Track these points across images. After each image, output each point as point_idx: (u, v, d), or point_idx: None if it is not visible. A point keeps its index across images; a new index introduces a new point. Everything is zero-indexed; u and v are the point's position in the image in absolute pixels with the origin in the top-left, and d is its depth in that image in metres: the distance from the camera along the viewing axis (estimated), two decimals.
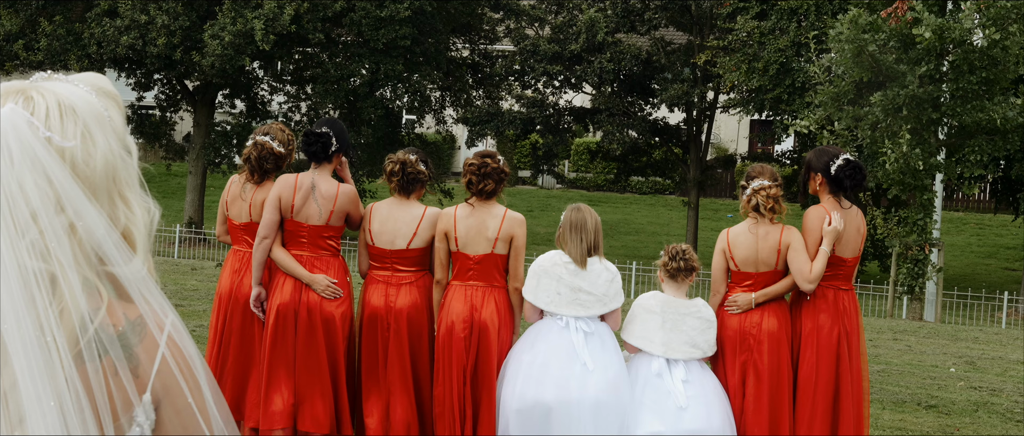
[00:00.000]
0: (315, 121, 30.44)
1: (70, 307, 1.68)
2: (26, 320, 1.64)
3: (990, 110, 19.47)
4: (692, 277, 7.01)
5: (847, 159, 7.08)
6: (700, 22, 30.81)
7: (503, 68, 32.44)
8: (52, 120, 1.76)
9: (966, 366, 13.77)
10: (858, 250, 7.17)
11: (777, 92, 26.38)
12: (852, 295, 7.18)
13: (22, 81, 1.82)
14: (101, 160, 1.78)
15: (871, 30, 19.59)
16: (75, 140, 1.77)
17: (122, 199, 1.81)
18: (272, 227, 7.14)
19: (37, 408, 1.63)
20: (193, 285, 16.50)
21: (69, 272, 1.68)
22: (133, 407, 1.72)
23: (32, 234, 1.66)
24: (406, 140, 31.42)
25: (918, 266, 20.84)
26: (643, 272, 23.09)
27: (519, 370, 6.74)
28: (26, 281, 1.65)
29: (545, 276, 6.84)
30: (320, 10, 27.03)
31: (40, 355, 1.64)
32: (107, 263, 1.72)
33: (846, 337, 7.06)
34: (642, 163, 33.28)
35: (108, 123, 1.82)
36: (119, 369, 1.71)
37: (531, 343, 6.81)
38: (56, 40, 27.22)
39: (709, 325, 6.92)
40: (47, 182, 1.69)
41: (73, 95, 1.80)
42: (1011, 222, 31.78)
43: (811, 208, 7.18)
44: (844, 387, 7.02)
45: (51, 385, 1.64)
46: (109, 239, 1.72)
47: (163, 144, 31.34)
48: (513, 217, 7.07)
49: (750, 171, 7.21)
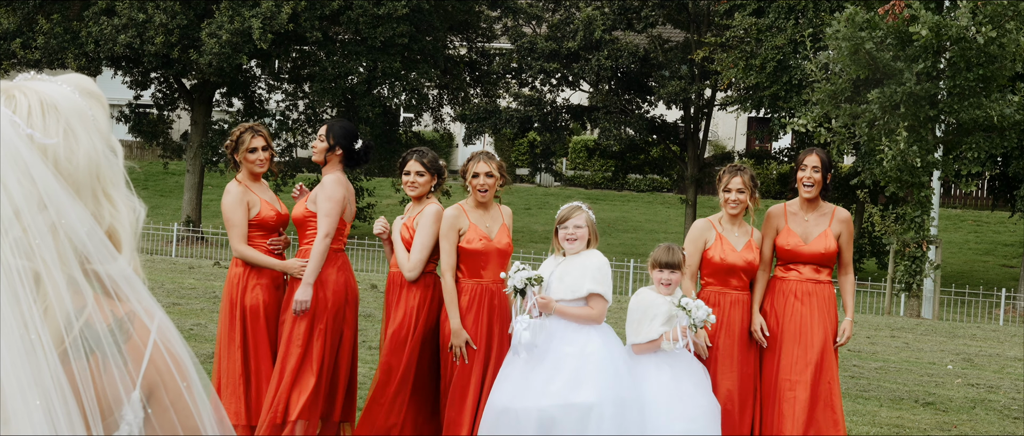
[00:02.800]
0: (314, 120, 30.50)
1: (54, 305, 1.66)
2: (10, 319, 1.62)
3: (987, 107, 19.48)
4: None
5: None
6: (697, 19, 30.82)
7: (501, 66, 32.45)
8: (34, 118, 1.76)
9: (964, 363, 13.78)
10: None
11: (774, 89, 26.38)
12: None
13: (6, 81, 1.81)
14: (84, 158, 1.77)
15: (868, 27, 19.60)
16: (57, 137, 1.76)
17: (106, 197, 1.80)
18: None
19: (23, 408, 1.62)
20: (190, 284, 16.48)
21: (53, 270, 1.67)
22: (122, 405, 1.71)
23: (15, 232, 1.65)
24: (404, 138, 31.43)
25: (916, 263, 20.86)
26: (640, 270, 23.09)
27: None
28: (9, 279, 1.64)
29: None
30: (317, 8, 27.02)
31: (25, 354, 1.62)
32: (91, 261, 1.71)
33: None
34: (640, 161, 33.29)
35: (92, 122, 1.81)
36: (106, 366, 1.70)
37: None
38: (53, 38, 27.19)
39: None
40: (29, 180, 1.68)
41: (55, 93, 1.80)
42: (1008, 219, 31.80)
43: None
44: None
45: (37, 384, 1.62)
46: (93, 237, 1.71)
47: (160, 142, 31.33)
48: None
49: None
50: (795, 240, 7.42)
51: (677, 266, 6.97)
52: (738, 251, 7.34)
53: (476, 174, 7.15)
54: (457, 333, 7.02)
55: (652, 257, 7.03)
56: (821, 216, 7.49)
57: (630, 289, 22.11)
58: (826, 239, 7.41)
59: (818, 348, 7.27)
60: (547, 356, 6.68)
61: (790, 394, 7.22)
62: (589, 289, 6.74)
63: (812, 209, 7.49)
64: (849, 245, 7.50)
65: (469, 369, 7.03)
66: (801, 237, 7.43)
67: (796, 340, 7.31)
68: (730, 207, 7.35)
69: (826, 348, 7.29)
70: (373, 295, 15.53)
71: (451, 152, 41.32)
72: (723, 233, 7.38)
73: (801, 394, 7.19)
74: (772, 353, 7.36)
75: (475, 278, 7.12)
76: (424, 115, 32.54)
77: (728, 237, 7.37)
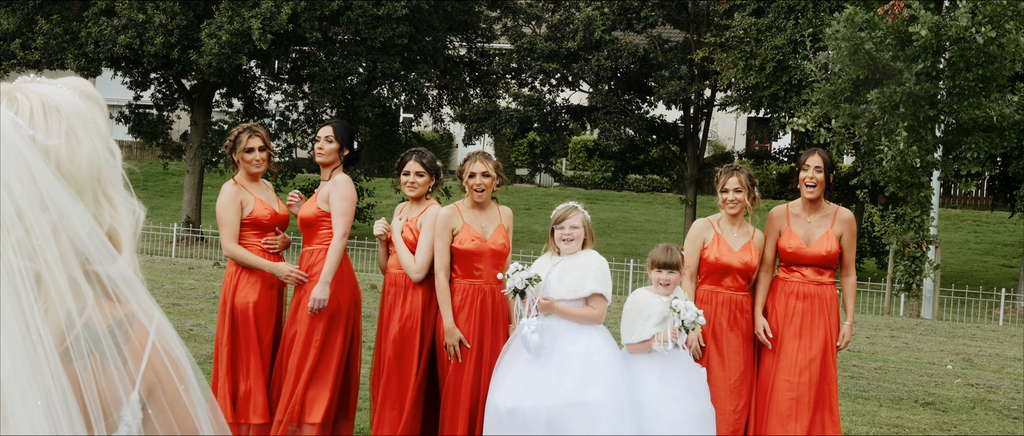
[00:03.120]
0: (314, 120, 30.50)
1: (56, 305, 1.67)
2: (11, 318, 1.63)
3: (987, 107, 19.49)
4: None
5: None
6: (697, 19, 30.81)
7: (500, 66, 32.45)
8: (36, 119, 1.77)
9: (963, 363, 13.79)
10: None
11: (774, 89, 26.38)
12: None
13: (7, 84, 1.82)
14: (85, 159, 1.78)
15: (868, 27, 19.61)
16: (59, 139, 1.77)
17: (107, 199, 1.81)
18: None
19: (22, 408, 1.62)
20: (190, 284, 16.48)
21: (55, 270, 1.67)
22: (121, 406, 1.72)
23: (17, 232, 1.66)
24: (403, 138, 31.44)
25: (915, 263, 20.86)
26: (640, 270, 23.10)
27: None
28: (11, 279, 1.64)
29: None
30: (317, 9, 27.02)
31: (25, 353, 1.63)
32: (91, 262, 1.72)
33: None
34: (639, 161, 33.28)
35: (92, 124, 1.82)
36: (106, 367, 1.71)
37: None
38: (53, 39, 27.19)
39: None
40: (32, 180, 1.68)
41: (57, 95, 1.81)
42: (1008, 219, 31.80)
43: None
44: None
45: (38, 384, 1.63)
46: (93, 238, 1.72)
47: (160, 143, 31.33)
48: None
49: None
50: (797, 242, 7.42)
51: (675, 266, 6.98)
52: (735, 252, 7.34)
53: (472, 174, 7.19)
54: (450, 332, 7.08)
55: (651, 257, 7.04)
56: (823, 217, 7.50)
57: (630, 289, 22.11)
58: (828, 241, 7.41)
59: (818, 350, 7.29)
60: (552, 356, 6.70)
61: (789, 395, 7.23)
62: (592, 289, 6.77)
63: (815, 210, 7.50)
64: (851, 246, 7.50)
65: (462, 368, 7.08)
66: (803, 239, 7.43)
67: (796, 342, 7.32)
68: (729, 207, 7.36)
69: (826, 350, 7.31)
70: (373, 295, 15.54)
71: (451, 152, 41.32)
72: (722, 233, 7.40)
73: (800, 395, 7.21)
74: (772, 354, 7.37)
75: (468, 278, 7.17)
76: (424, 115, 32.54)
77: (727, 237, 7.38)
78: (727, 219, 7.43)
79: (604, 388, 6.59)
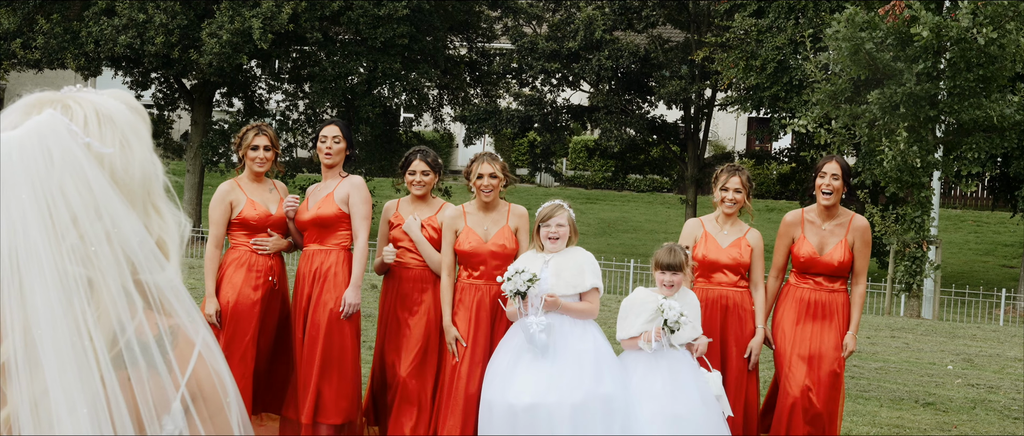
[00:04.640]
0: (314, 120, 30.51)
1: (108, 312, 1.68)
2: (61, 325, 1.63)
3: (987, 107, 19.48)
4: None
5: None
6: (697, 19, 30.81)
7: (501, 66, 32.43)
8: (90, 127, 1.77)
9: (964, 363, 13.79)
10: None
11: (775, 90, 26.37)
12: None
13: (55, 92, 1.82)
14: (138, 169, 1.80)
15: (868, 28, 19.60)
16: (114, 147, 1.78)
17: (155, 209, 1.83)
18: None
19: (67, 415, 1.63)
20: (190, 284, 16.48)
21: (108, 277, 1.68)
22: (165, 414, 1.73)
23: (71, 238, 1.66)
24: (404, 138, 31.43)
25: (916, 263, 20.86)
26: (641, 270, 23.10)
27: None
28: (65, 285, 1.65)
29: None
30: (318, 9, 27.02)
31: (74, 361, 1.64)
32: (140, 271, 1.73)
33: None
34: (640, 161, 33.27)
35: (143, 135, 1.84)
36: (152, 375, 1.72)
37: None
38: (53, 38, 27.17)
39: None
40: (87, 187, 1.69)
41: (110, 105, 1.82)
42: (1009, 219, 31.79)
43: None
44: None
45: (84, 391, 1.64)
46: (144, 247, 1.73)
47: (161, 143, 31.32)
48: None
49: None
50: (810, 249, 7.39)
51: (678, 268, 7.00)
52: (723, 247, 7.36)
53: (480, 175, 7.28)
54: (447, 329, 7.23)
55: (654, 259, 7.07)
56: (838, 225, 7.46)
57: (630, 289, 22.08)
58: (842, 250, 7.38)
59: (828, 357, 7.27)
60: (563, 352, 6.78)
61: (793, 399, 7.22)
62: (592, 284, 6.94)
63: (830, 217, 7.47)
64: (863, 253, 7.44)
65: (458, 366, 7.18)
66: (817, 247, 7.40)
67: (806, 348, 7.31)
68: (726, 206, 7.37)
69: (835, 357, 7.29)
70: (373, 295, 15.53)
71: (451, 152, 41.31)
72: (710, 231, 7.42)
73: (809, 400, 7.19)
74: (780, 359, 7.37)
75: (470, 278, 7.30)
76: (424, 115, 32.54)
77: (715, 234, 7.40)
78: (720, 217, 7.45)
79: (613, 380, 6.73)
